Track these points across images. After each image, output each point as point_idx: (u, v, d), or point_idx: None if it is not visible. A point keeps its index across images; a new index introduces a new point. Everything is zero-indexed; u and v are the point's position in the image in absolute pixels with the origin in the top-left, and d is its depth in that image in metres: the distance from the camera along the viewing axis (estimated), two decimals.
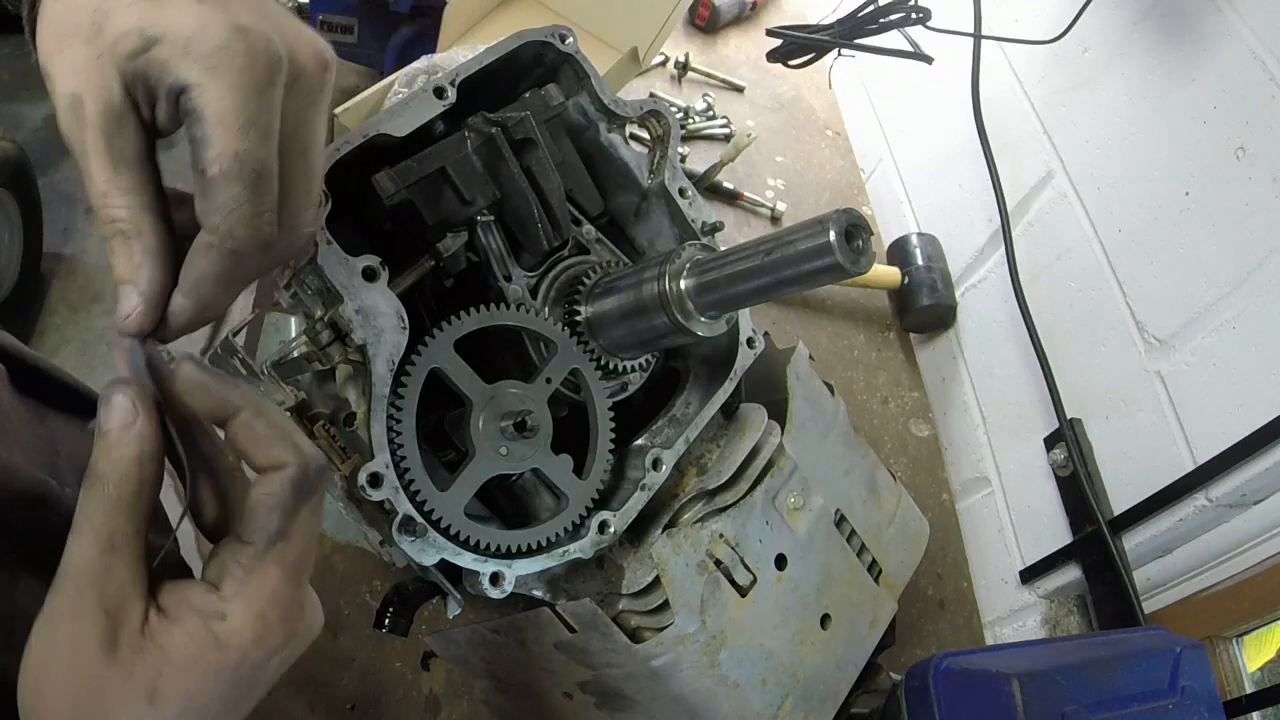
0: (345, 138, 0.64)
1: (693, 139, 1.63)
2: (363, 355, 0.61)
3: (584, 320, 0.72)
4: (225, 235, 0.39)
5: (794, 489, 0.79)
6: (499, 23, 1.42)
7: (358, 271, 0.61)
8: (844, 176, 1.74)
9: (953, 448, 1.40)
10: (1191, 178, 1.00)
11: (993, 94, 1.34)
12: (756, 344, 0.80)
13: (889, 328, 1.52)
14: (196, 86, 0.38)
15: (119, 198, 0.40)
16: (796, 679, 0.76)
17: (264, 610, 0.39)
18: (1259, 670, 0.95)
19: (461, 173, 0.68)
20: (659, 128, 0.80)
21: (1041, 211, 1.25)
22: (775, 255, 0.59)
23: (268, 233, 0.40)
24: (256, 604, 0.39)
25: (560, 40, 0.75)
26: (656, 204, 0.82)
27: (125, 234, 0.40)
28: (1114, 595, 1.01)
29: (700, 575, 0.71)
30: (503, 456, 0.65)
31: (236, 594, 0.39)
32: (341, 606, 0.98)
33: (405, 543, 0.61)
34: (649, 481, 0.72)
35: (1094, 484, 1.07)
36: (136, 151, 0.40)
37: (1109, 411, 1.09)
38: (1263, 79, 0.92)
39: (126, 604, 0.37)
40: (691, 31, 1.83)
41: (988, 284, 1.38)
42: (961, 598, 1.25)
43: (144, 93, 0.39)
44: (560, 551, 0.67)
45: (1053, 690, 0.70)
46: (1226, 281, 0.94)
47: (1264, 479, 0.87)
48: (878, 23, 1.28)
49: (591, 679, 0.75)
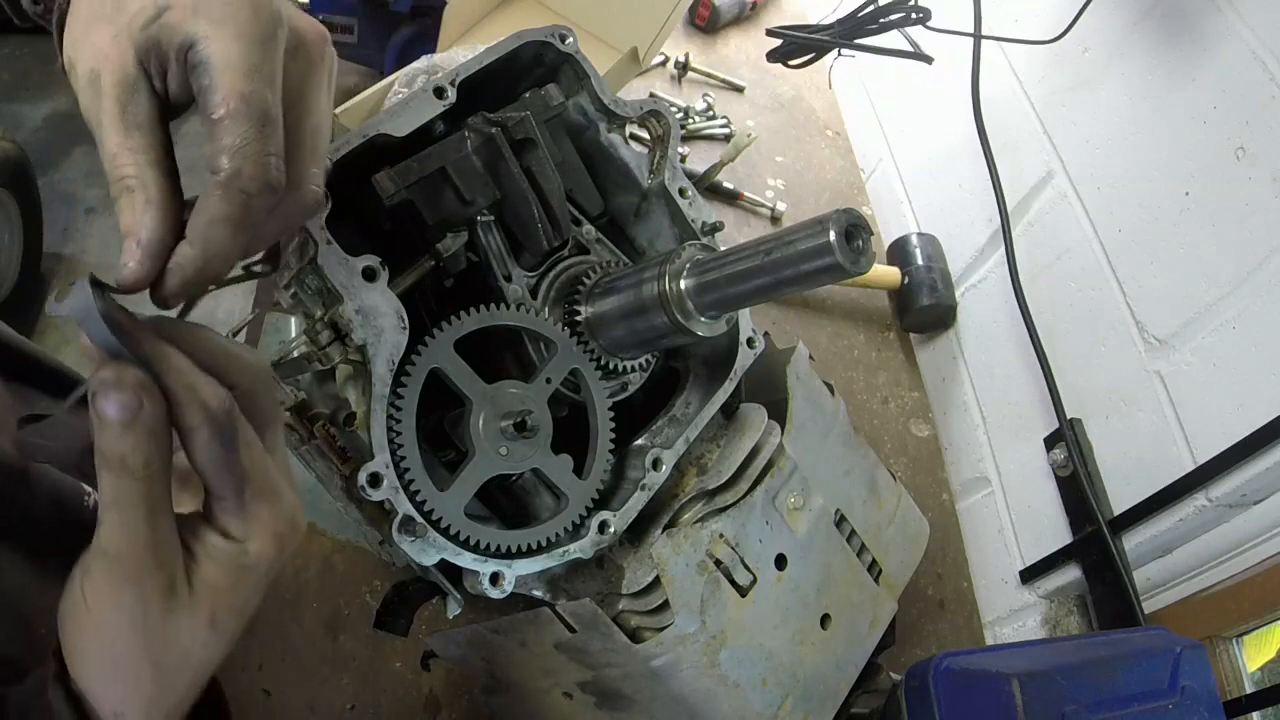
0: (345, 138, 0.64)
1: (693, 139, 1.63)
2: (363, 355, 0.61)
3: (584, 320, 0.72)
4: (233, 174, 0.41)
5: (794, 489, 0.79)
6: (499, 23, 1.42)
7: (358, 271, 0.61)
8: (844, 176, 1.74)
9: (953, 448, 1.40)
10: (1191, 178, 1.00)
11: (993, 94, 1.34)
12: (756, 344, 0.80)
13: (889, 328, 1.52)
14: (204, 39, 0.41)
15: (127, 157, 0.42)
16: (796, 679, 0.76)
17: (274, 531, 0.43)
18: (1259, 670, 0.95)
19: (461, 173, 0.68)
20: (659, 128, 0.80)
21: (1041, 211, 1.25)
22: (775, 255, 0.59)
23: (275, 176, 0.42)
24: (266, 530, 0.43)
25: (560, 40, 0.75)
26: (656, 204, 0.82)
27: (130, 189, 0.41)
28: (1114, 595, 1.01)
29: (700, 575, 0.71)
30: (503, 456, 0.65)
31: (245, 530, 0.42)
32: (341, 606, 0.98)
33: (405, 543, 0.61)
34: (649, 481, 0.72)
35: (1094, 484, 1.07)
36: (148, 117, 0.42)
37: (1109, 411, 1.09)
38: (1263, 79, 0.92)
39: (176, 556, 0.41)
40: (691, 31, 1.83)
41: (988, 284, 1.38)
42: (961, 598, 1.25)
43: (157, 62, 0.42)
44: (560, 551, 0.67)
45: (1053, 690, 0.70)
46: (1226, 281, 0.94)
47: (1264, 479, 0.87)
48: (878, 23, 1.28)
49: (591, 679, 0.75)
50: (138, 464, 0.38)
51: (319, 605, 0.97)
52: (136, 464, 0.38)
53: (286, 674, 0.92)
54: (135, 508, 0.39)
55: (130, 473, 0.38)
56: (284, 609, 0.97)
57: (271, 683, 0.91)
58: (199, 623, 0.42)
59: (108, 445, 0.38)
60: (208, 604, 0.42)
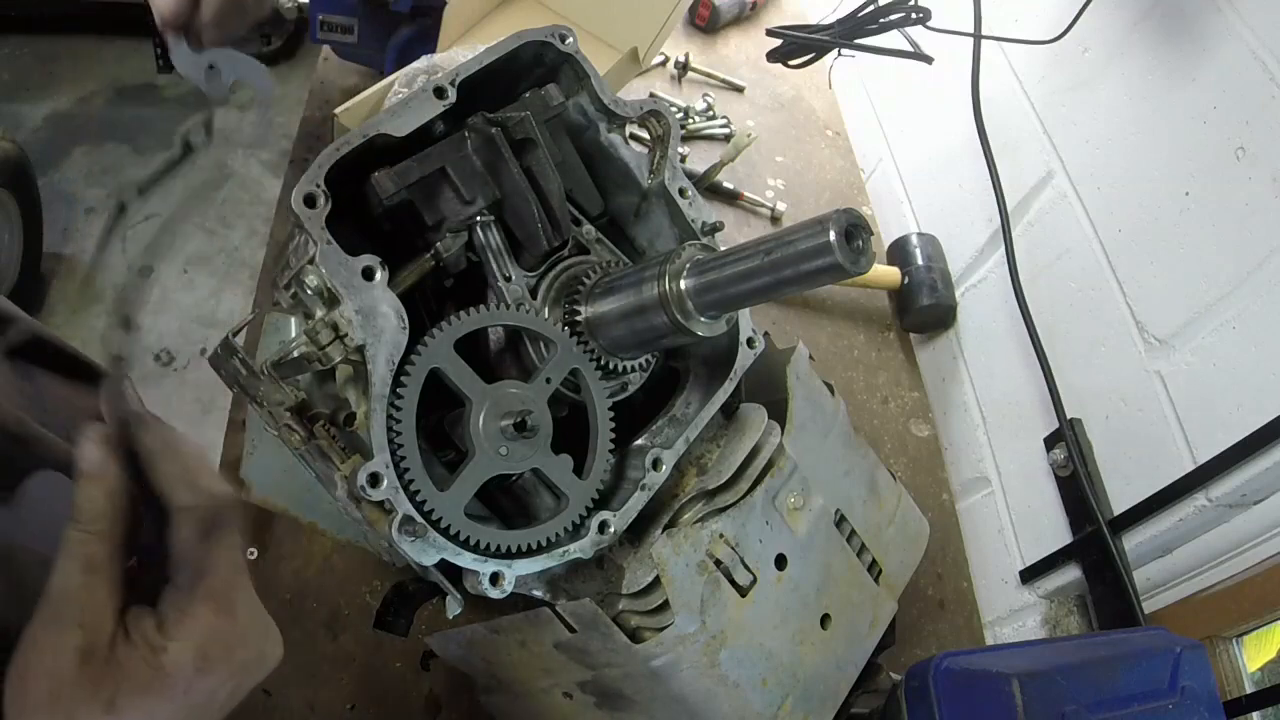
0: (345, 138, 0.64)
1: (693, 139, 1.63)
2: (362, 355, 0.61)
3: (584, 320, 0.72)
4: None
5: (794, 489, 0.79)
6: (499, 23, 1.42)
7: (358, 271, 0.61)
8: (844, 176, 1.74)
9: (953, 448, 1.40)
10: (1191, 178, 1.00)
11: (993, 94, 1.34)
12: (756, 344, 0.80)
13: (889, 328, 1.52)
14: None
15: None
16: (796, 679, 0.76)
17: (201, 644, 0.43)
18: (1259, 670, 0.95)
19: (461, 173, 0.68)
20: (659, 128, 0.80)
21: (1041, 211, 1.25)
22: (775, 255, 0.59)
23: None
24: (193, 639, 0.43)
25: (560, 40, 0.75)
26: (656, 204, 0.82)
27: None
28: (1114, 595, 1.01)
29: (700, 575, 0.71)
30: (503, 456, 0.65)
31: (174, 631, 0.43)
32: (341, 606, 0.98)
33: (405, 543, 0.61)
34: (649, 481, 0.72)
35: (1094, 484, 1.07)
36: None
37: (1109, 411, 1.09)
38: (1263, 79, 0.92)
39: (101, 622, 0.41)
40: (691, 31, 1.83)
41: (988, 284, 1.38)
42: (961, 598, 1.25)
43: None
44: (560, 551, 0.67)
45: (1053, 690, 0.70)
46: (1226, 281, 0.94)
47: (1264, 479, 0.87)
48: (878, 23, 1.28)
49: (591, 679, 0.75)
50: (86, 514, 0.42)
51: (319, 605, 0.97)
52: (86, 514, 0.42)
53: (286, 674, 0.92)
54: (74, 558, 0.41)
55: (78, 520, 0.41)
56: (284, 609, 0.97)
57: (271, 683, 0.91)
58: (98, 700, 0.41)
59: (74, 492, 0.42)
60: (111, 687, 0.41)
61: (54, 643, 0.41)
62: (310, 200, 0.61)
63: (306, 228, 0.61)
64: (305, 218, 0.61)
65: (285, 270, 0.65)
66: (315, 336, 0.62)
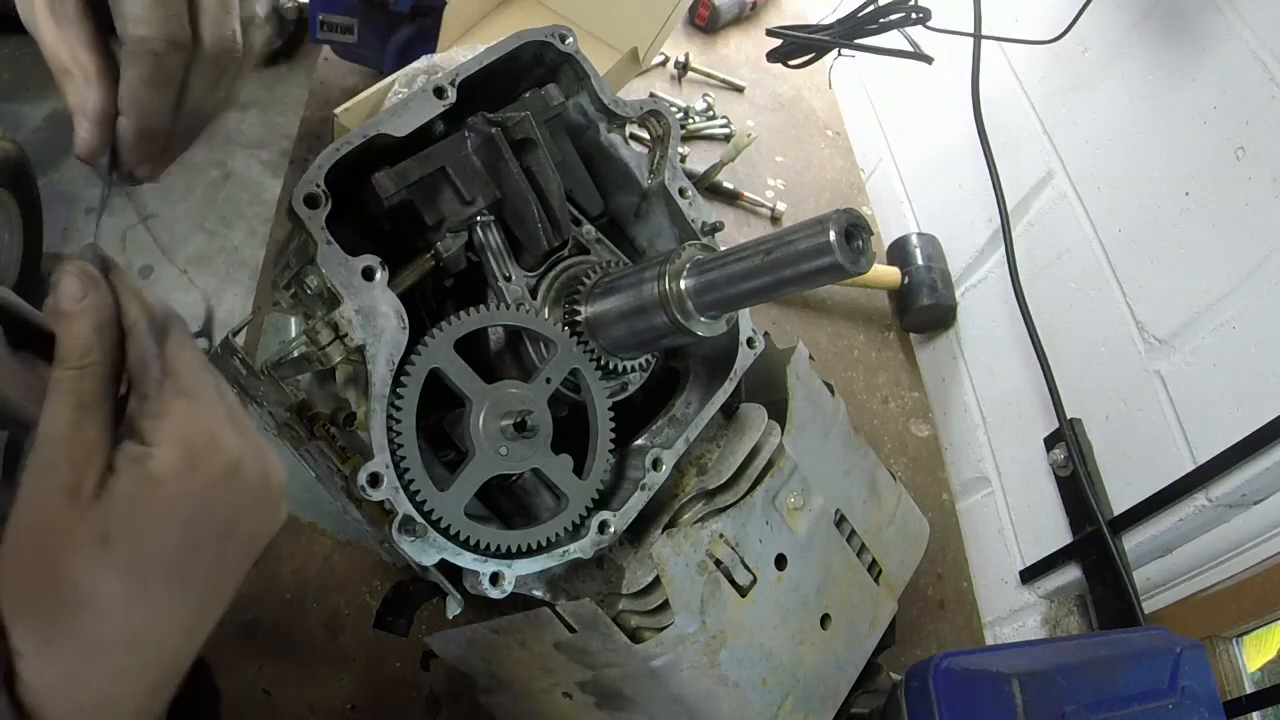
0: (345, 138, 0.64)
1: (693, 139, 1.63)
2: (362, 355, 0.61)
3: (584, 320, 0.72)
4: (139, 40, 0.45)
5: (794, 489, 0.79)
6: (499, 23, 1.42)
7: (357, 271, 0.61)
8: (844, 176, 1.74)
9: (953, 448, 1.40)
10: (1191, 178, 1.00)
11: (993, 94, 1.34)
12: (756, 344, 0.80)
13: (889, 328, 1.52)
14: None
15: (62, 46, 0.46)
16: (796, 679, 0.76)
17: (185, 439, 0.42)
18: (1259, 670, 0.95)
19: (461, 173, 0.68)
20: (659, 128, 0.80)
21: (1041, 211, 1.25)
22: (775, 255, 0.59)
23: (177, 33, 0.45)
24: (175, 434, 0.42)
25: (560, 40, 0.75)
26: (656, 204, 0.82)
27: (69, 71, 0.46)
28: (1114, 595, 1.01)
29: (700, 575, 0.71)
30: (503, 456, 0.65)
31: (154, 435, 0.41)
32: (341, 606, 0.98)
33: (405, 543, 0.61)
34: (649, 481, 0.72)
35: (1094, 484, 1.07)
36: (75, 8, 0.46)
37: (1109, 411, 1.09)
38: (1263, 79, 0.92)
39: (91, 459, 0.40)
40: (691, 31, 1.83)
41: (988, 284, 1.38)
42: (961, 598, 1.25)
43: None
44: (560, 551, 0.67)
45: (1053, 690, 0.70)
46: (1226, 281, 0.94)
47: (1264, 479, 0.87)
48: (878, 23, 1.28)
49: (591, 679, 0.75)
50: (74, 353, 0.41)
51: (319, 605, 0.97)
52: (73, 352, 0.41)
53: (286, 674, 0.92)
54: (64, 396, 0.40)
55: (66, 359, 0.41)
56: (284, 609, 0.97)
57: (271, 683, 0.91)
58: (89, 535, 0.39)
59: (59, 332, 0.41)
60: (102, 518, 0.39)
61: (40, 488, 0.39)
62: (311, 200, 0.61)
63: (307, 228, 0.61)
64: (305, 218, 0.61)
65: (285, 270, 0.65)
66: (315, 336, 0.62)
